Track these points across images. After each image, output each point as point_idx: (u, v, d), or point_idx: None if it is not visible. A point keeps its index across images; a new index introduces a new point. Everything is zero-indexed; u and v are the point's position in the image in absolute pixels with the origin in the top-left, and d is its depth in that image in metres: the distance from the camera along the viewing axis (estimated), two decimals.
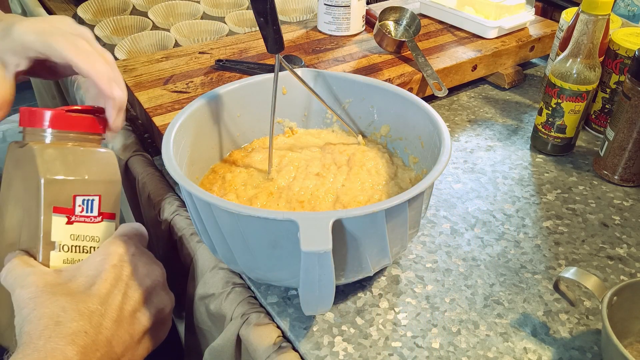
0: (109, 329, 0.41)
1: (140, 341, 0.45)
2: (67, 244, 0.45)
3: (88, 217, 0.46)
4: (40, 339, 0.38)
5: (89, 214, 0.46)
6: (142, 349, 0.46)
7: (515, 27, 0.92)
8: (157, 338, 0.48)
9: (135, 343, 0.44)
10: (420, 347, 0.48)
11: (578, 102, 0.67)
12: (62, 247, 0.45)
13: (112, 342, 0.41)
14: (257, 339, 0.47)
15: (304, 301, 0.43)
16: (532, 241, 0.59)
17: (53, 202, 0.44)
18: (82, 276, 0.43)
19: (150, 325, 0.46)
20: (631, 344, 0.48)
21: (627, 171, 0.67)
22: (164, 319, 0.49)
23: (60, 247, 0.45)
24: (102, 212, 0.47)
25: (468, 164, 0.71)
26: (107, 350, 0.41)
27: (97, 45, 0.49)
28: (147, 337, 0.46)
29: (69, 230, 0.45)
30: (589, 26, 0.63)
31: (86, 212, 0.46)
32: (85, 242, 0.46)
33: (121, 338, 0.43)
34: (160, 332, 0.48)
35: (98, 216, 0.47)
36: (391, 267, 0.56)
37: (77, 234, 0.46)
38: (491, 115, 0.82)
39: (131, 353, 0.44)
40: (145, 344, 0.46)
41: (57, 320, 0.39)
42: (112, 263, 0.44)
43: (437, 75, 0.80)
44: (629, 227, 0.61)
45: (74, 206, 0.45)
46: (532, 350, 0.47)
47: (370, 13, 0.96)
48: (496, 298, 0.52)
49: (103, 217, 0.47)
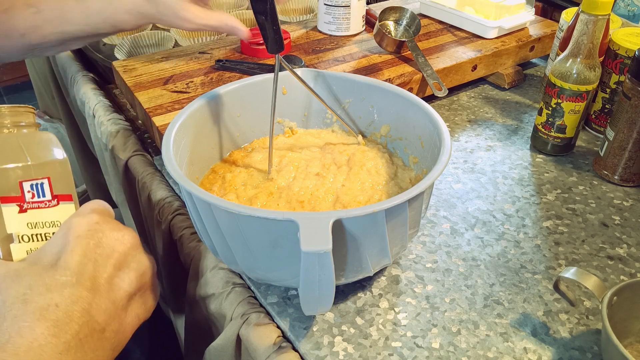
0: (84, 298, 0.37)
1: (125, 308, 0.41)
2: (25, 233, 0.43)
3: (42, 202, 0.43)
4: (6, 321, 0.34)
5: (42, 198, 0.43)
6: (130, 317, 0.42)
7: (515, 27, 0.92)
8: (146, 305, 0.44)
9: (120, 310, 0.40)
10: (420, 347, 0.48)
11: (578, 102, 0.67)
12: (21, 237, 0.42)
13: (90, 312, 0.37)
14: (257, 339, 0.47)
15: (304, 301, 0.43)
16: (532, 241, 0.59)
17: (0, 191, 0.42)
18: (46, 255, 0.40)
19: (133, 290, 0.42)
20: (631, 344, 0.48)
21: (627, 171, 0.66)
22: (148, 283, 0.45)
23: (19, 239, 0.42)
24: (55, 194, 0.44)
25: (468, 164, 0.71)
26: (85, 320, 0.37)
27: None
28: (133, 304, 0.42)
29: (24, 219, 0.43)
30: (589, 26, 0.63)
31: (38, 197, 0.43)
32: (45, 228, 0.44)
33: (101, 306, 0.38)
34: (147, 298, 0.44)
35: (52, 199, 0.44)
36: (391, 267, 0.56)
37: (34, 222, 0.43)
38: (491, 115, 0.82)
39: (117, 322, 0.40)
40: (134, 311, 0.42)
41: (23, 299, 0.36)
42: (77, 234, 0.40)
43: (437, 75, 0.80)
44: (629, 227, 0.61)
45: (23, 193, 0.42)
46: (532, 350, 0.47)
47: (370, 13, 0.96)
48: (496, 298, 0.52)
49: (59, 200, 0.44)
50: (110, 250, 0.41)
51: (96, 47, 0.96)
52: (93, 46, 0.96)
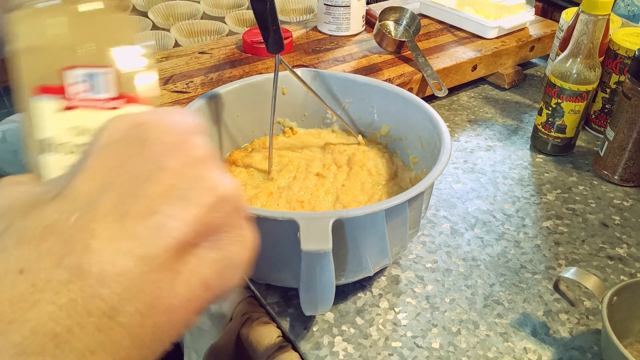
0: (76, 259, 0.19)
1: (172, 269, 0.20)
2: (66, 141, 0.28)
3: (98, 102, 0.29)
4: None
5: (99, 95, 0.29)
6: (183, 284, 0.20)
7: (515, 27, 0.92)
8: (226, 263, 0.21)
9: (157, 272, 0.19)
10: (420, 347, 0.48)
11: (578, 102, 0.67)
12: (58, 147, 0.28)
13: (87, 281, 0.18)
14: (257, 339, 0.47)
15: (304, 301, 0.43)
16: (532, 241, 0.59)
17: (33, 78, 0.28)
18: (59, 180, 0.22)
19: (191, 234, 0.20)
20: (631, 344, 0.48)
21: (627, 171, 0.66)
22: (230, 220, 0.22)
23: (54, 147, 0.28)
24: (123, 93, 0.29)
25: (468, 164, 0.71)
26: (74, 302, 0.18)
27: None
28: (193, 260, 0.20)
29: (67, 119, 0.29)
30: (589, 26, 0.63)
31: (94, 93, 0.29)
32: None
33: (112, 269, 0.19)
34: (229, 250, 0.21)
35: (115, 99, 0.29)
36: (391, 267, 0.56)
37: (81, 127, 0.28)
38: (491, 115, 0.82)
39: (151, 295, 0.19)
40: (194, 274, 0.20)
41: None
42: (106, 141, 0.22)
43: (437, 75, 0.80)
44: (629, 227, 0.61)
45: (69, 84, 0.28)
46: (532, 350, 0.47)
47: (370, 13, 0.96)
48: (496, 298, 0.52)
49: (128, 100, 0.29)
50: (156, 165, 0.21)
51: None
52: None
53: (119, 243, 0.19)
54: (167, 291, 0.19)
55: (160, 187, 0.20)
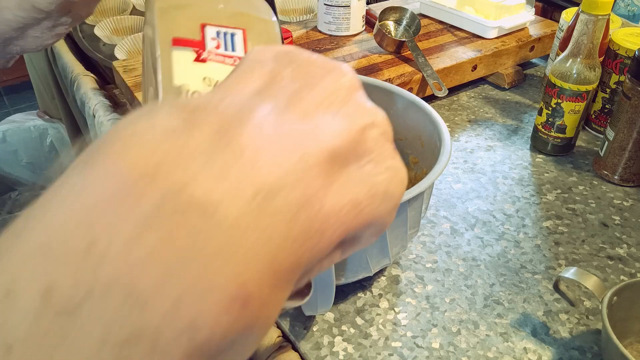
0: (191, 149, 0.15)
1: (322, 174, 0.17)
2: (198, 89, 0.30)
3: (229, 57, 0.31)
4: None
5: (231, 52, 0.31)
6: (334, 195, 0.17)
7: (515, 27, 0.91)
8: (381, 189, 0.19)
9: (301, 172, 0.17)
10: (420, 347, 0.48)
11: (578, 102, 0.67)
12: (193, 94, 0.30)
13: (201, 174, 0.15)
14: None
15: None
16: (532, 241, 0.59)
17: (172, 32, 0.31)
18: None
19: (345, 145, 0.18)
20: (631, 344, 0.48)
21: (627, 171, 0.66)
22: (382, 143, 0.20)
23: (189, 94, 0.30)
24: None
25: (468, 164, 0.71)
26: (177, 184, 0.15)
27: None
28: (345, 175, 0.18)
29: (200, 70, 0.31)
30: (589, 26, 0.63)
31: (225, 50, 0.31)
32: None
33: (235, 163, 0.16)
34: (383, 176, 0.19)
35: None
36: (391, 267, 0.56)
37: (213, 78, 0.30)
38: (491, 115, 0.82)
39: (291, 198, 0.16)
40: (348, 190, 0.18)
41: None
42: (252, 58, 0.20)
43: (437, 75, 0.80)
44: (629, 227, 0.61)
45: (204, 39, 0.31)
46: (532, 350, 0.47)
47: (370, 13, 0.96)
48: (496, 298, 0.52)
49: None
50: (308, 81, 0.19)
51: (96, 47, 0.96)
52: (93, 46, 0.96)
53: (276, 132, 0.17)
54: (318, 194, 0.16)
55: (314, 99, 0.18)
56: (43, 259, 0.13)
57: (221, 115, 0.16)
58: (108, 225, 0.13)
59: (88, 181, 0.14)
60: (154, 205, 0.14)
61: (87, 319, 0.12)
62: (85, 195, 0.14)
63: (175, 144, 0.15)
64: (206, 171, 0.15)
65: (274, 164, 0.16)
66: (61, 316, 0.12)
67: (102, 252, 0.13)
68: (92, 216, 0.13)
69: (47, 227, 0.13)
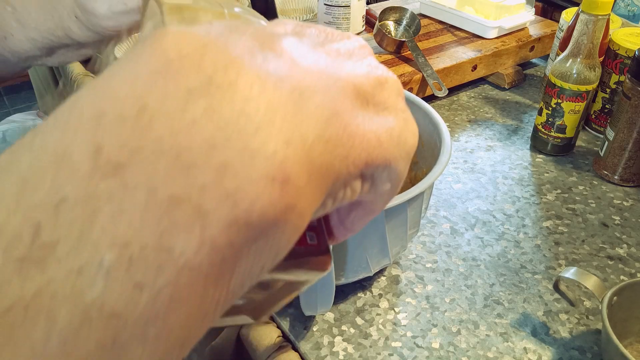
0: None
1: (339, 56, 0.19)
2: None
3: None
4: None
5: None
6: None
7: (515, 27, 0.91)
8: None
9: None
10: (420, 347, 0.48)
11: (578, 102, 0.67)
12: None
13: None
14: (257, 339, 0.47)
15: (304, 301, 0.43)
16: (532, 241, 0.59)
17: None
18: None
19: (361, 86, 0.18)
20: (631, 344, 0.48)
21: (627, 171, 0.66)
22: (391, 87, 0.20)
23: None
24: None
25: (468, 164, 0.71)
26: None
27: None
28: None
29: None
30: (589, 26, 0.63)
31: None
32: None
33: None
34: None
35: None
36: (391, 267, 0.56)
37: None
38: (491, 115, 0.82)
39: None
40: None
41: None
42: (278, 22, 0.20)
43: (437, 75, 0.80)
44: (629, 227, 0.61)
45: None
46: (532, 350, 0.47)
47: (370, 13, 0.96)
48: (496, 298, 0.52)
49: None
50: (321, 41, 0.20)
51: None
52: None
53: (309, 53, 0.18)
54: (347, 113, 0.17)
55: (338, 49, 0.19)
56: (95, 125, 0.13)
57: (261, 30, 0.17)
58: (157, 94, 0.14)
59: (139, 61, 0.15)
60: (201, 80, 0.14)
61: (132, 180, 0.13)
62: (136, 70, 0.14)
63: (218, 41, 0.15)
64: (249, 62, 0.15)
65: (308, 72, 0.17)
66: (108, 176, 0.13)
67: (151, 117, 0.13)
68: (142, 87, 0.14)
69: (99, 98, 0.14)
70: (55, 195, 0.13)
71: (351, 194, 0.18)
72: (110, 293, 0.12)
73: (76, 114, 0.14)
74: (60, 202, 0.12)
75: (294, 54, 0.17)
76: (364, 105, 0.18)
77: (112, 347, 0.12)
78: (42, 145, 0.13)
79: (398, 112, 0.19)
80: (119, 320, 0.12)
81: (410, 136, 0.20)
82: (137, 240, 0.13)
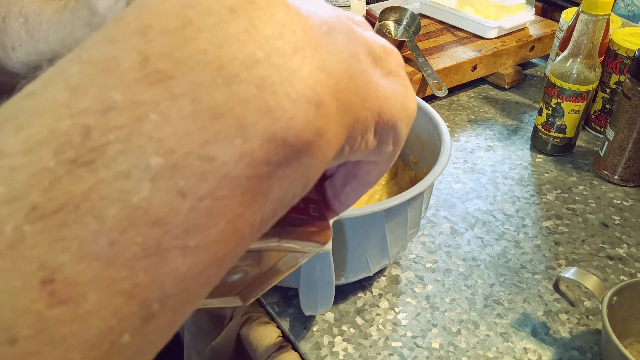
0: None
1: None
2: None
3: None
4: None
5: None
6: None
7: (515, 27, 0.91)
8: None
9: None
10: (420, 347, 0.48)
11: (578, 102, 0.67)
12: None
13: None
14: (257, 339, 0.47)
15: (304, 301, 0.43)
16: (532, 241, 0.59)
17: None
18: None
19: (372, 52, 0.19)
20: (631, 344, 0.48)
21: (627, 171, 0.66)
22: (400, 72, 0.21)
23: None
24: None
25: (468, 164, 0.71)
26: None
27: None
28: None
29: None
30: (589, 26, 0.63)
31: None
32: None
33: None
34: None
35: None
36: (391, 267, 0.56)
37: None
38: (491, 115, 0.82)
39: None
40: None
41: None
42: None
43: (437, 75, 0.80)
44: (629, 227, 0.61)
45: None
46: (532, 350, 0.47)
47: (370, 13, 0.96)
48: (496, 298, 0.52)
49: None
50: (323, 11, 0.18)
51: None
52: None
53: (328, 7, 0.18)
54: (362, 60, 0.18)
55: (346, 18, 0.19)
56: (141, 36, 0.14)
57: None
58: (201, 10, 0.14)
59: None
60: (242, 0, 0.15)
61: (177, 88, 0.13)
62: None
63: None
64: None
65: (332, 15, 0.17)
66: (154, 84, 0.13)
67: (196, 30, 0.14)
68: (185, 3, 0.14)
69: (144, 13, 0.14)
70: (104, 101, 0.13)
71: (364, 145, 0.19)
72: (155, 198, 0.13)
73: (122, 27, 0.14)
74: (108, 107, 0.13)
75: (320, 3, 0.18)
76: (375, 64, 0.19)
77: (155, 252, 0.13)
78: (89, 57, 0.14)
79: (400, 79, 0.20)
80: (162, 226, 0.13)
81: (412, 103, 0.20)
82: (181, 148, 0.13)
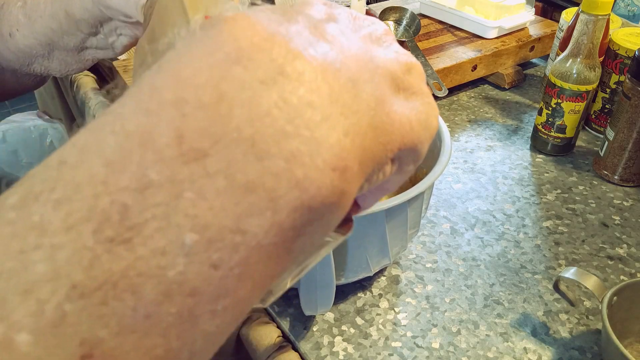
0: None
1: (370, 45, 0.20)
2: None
3: None
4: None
5: None
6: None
7: (515, 27, 0.91)
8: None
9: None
10: (420, 347, 0.48)
11: (578, 102, 0.67)
12: None
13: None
14: (257, 339, 0.47)
15: (304, 301, 0.43)
16: (532, 241, 0.59)
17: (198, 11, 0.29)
18: None
19: (395, 72, 0.20)
20: (631, 344, 0.48)
21: (627, 171, 0.66)
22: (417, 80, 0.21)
23: None
24: None
25: (468, 164, 0.71)
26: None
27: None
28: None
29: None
30: (589, 26, 0.63)
31: None
32: None
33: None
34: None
35: None
36: (391, 267, 0.56)
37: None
38: (491, 115, 0.82)
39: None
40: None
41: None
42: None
43: (437, 75, 0.80)
44: (629, 227, 0.61)
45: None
46: (532, 350, 0.47)
47: (370, 13, 0.96)
48: (496, 298, 0.52)
49: None
50: (347, 29, 0.20)
51: None
52: None
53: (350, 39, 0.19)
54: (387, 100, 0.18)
55: (367, 34, 0.20)
56: (177, 111, 0.14)
57: (307, 17, 0.18)
58: (234, 84, 0.15)
59: (211, 46, 0.15)
60: (273, 71, 0.15)
61: (212, 166, 0.14)
62: (210, 57, 0.15)
63: (282, 29, 0.16)
64: (311, 53, 0.16)
65: (355, 61, 0.18)
66: (190, 162, 0.14)
67: (230, 106, 0.14)
68: (219, 75, 0.15)
69: (178, 84, 0.14)
70: (141, 179, 0.13)
71: (382, 176, 0.19)
72: (189, 271, 0.13)
73: (156, 99, 0.14)
74: (146, 186, 0.13)
75: (342, 42, 0.18)
76: (397, 91, 0.19)
77: (187, 319, 0.13)
78: (125, 129, 0.14)
79: (424, 97, 0.21)
80: (195, 296, 0.13)
81: (434, 119, 0.21)
82: (217, 223, 0.13)
